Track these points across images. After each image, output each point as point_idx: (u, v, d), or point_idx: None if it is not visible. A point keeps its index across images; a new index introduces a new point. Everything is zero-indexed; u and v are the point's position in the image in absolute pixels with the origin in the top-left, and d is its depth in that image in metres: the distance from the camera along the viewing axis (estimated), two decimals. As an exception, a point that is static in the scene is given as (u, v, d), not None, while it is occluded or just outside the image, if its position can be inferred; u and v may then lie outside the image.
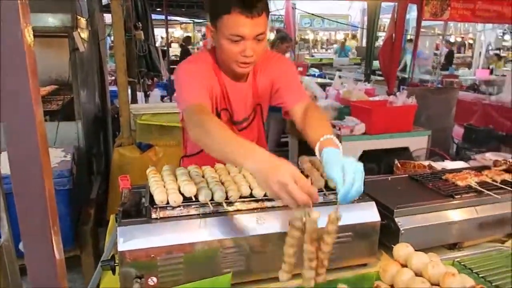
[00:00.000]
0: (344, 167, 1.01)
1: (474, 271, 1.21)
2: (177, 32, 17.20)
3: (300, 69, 7.00)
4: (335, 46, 15.64)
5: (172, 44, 13.41)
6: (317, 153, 1.21)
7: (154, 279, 1.12)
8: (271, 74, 1.59)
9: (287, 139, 4.55)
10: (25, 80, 0.62)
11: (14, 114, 0.62)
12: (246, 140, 1.10)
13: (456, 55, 14.64)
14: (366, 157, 3.42)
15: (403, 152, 3.60)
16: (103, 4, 4.09)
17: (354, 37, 16.41)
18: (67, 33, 2.87)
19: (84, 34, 3.40)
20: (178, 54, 10.69)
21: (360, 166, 1.02)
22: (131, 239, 1.11)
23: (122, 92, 3.02)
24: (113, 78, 6.54)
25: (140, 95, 5.01)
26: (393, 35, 4.74)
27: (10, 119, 0.62)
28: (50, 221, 0.67)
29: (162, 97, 6.00)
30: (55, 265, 0.70)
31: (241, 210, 1.23)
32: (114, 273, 1.16)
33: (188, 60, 1.59)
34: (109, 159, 3.76)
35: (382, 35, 8.53)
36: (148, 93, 5.47)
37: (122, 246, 1.10)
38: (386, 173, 2.62)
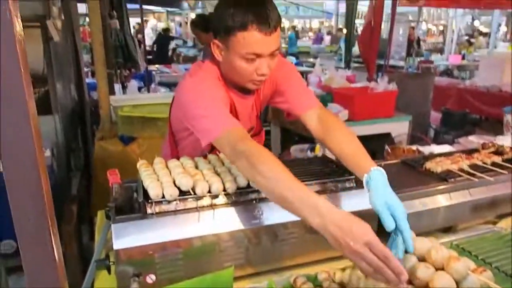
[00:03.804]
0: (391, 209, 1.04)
1: (472, 253, 1.22)
2: (151, 22, 16.83)
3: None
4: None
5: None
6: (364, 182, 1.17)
7: (153, 276, 1.08)
8: (273, 77, 1.48)
9: (268, 128, 4.51)
10: (17, 71, 0.56)
11: (8, 108, 0.56)
12: (304, 187, 0.99)
13: (428, 40, 14.94)
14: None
15: (385, 138, 3.62)
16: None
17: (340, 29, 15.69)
18: (40, 22, 2.71)
19: (58, 24, 3.24)
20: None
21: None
22: (126, 236, 1.06)
23: (101, 83, 2.90)
24: (87, 70, 6.33)
25: (117, 86, 4.86)
26: (372, 21, 4.74)
27: (4, 113, 0.56)
28: (49, 222, 0.62)
29: (140, 88, 5.86)
30: (56, 270, 0.64)
31: (239, 202, 1.20)
32: (109, 272, 1.11)
33: (194, 78, 1.38)
34: (89, 154, 3.63)
35: (357, 22, 8.58)
36: (125, 84, 5.31)
37: (117, 244, 1.05)
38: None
